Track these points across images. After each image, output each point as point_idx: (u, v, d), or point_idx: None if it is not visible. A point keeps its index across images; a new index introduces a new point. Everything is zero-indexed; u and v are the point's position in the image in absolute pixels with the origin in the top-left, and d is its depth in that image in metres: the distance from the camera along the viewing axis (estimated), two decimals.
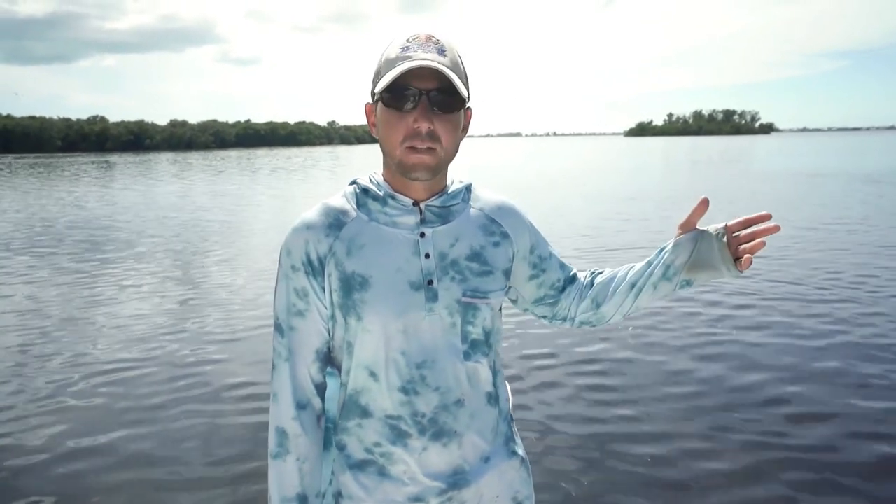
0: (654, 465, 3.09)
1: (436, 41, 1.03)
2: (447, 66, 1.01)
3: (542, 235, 1.26)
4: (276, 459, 1.12)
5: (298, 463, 1.12)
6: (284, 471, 1.11)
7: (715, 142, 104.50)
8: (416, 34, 1.04)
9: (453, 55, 1.04)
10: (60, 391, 4.14)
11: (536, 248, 1.22)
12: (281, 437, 1.12)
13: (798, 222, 10.74)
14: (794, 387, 3.97)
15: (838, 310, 5.56)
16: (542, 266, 1.23)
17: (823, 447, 3.24)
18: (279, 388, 1.12)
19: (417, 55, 1.00)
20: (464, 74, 1.06)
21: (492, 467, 1.17)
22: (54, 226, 12.24)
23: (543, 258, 1.23)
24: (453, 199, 1.14)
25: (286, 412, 1.11)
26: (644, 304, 1.19)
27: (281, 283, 1.12)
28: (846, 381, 4.06)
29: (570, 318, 1.26)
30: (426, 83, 1.00)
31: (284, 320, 1.12)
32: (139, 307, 6.20)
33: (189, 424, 3.64)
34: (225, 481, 3.03)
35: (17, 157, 65.54)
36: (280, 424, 1.12)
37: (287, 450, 1.12)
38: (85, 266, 8.26)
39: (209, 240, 10.39)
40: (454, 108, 1.03)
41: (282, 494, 1.12)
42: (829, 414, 3.61)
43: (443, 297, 1.08)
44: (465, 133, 1.11)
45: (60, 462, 3.23)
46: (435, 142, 1.02)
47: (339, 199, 1.14)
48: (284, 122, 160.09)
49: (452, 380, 1.11)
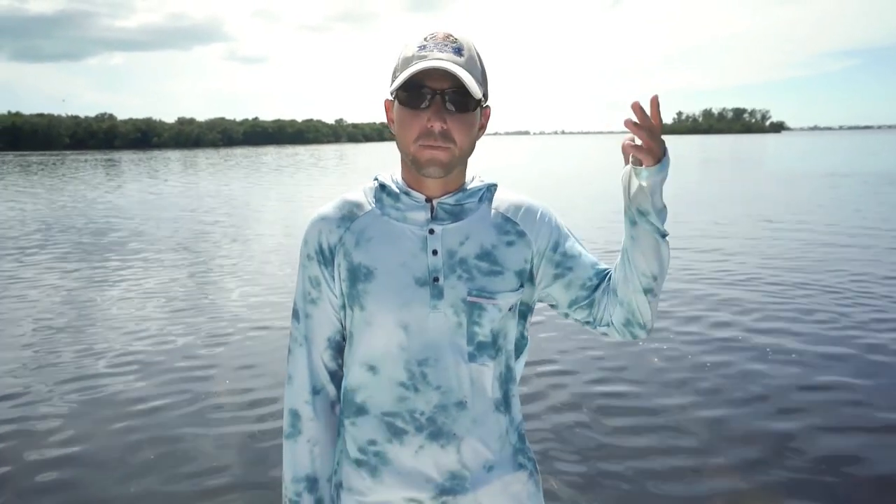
0: (670, 481, 2.96)
1: (453, 40, 1.03)
2: (462, 65, 1.01)
3: (571, 234, 1.19)
4: (288, 440, 1.16)
5: (310, 445, 1.15)
6: (296, 451, 1.15)
7: (725, 140, 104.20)
8: (434, 33, 1.04)
9: (471, 54, 1.05)
10: (69, 387, 4.15)
11: (560, 245, 1.16)
12: (294, 419, 1.15)
13: (821, 226, 10.28)
14: (825, 396, 3.79)
15: (857, 314, 5.23)
16: (568, 264, 1.16)
17: (853, 460, 3.10)
18: (294, 371, 1.16)
19: (433, 54, 1.01)
20: (481, 73, 1.07)
21: (495, 477, 1.13)
22: (63, 224, 12.11)
23: (569, 255, 1.16)
24: (470, 198, 1.13)
25: (300, 395, 1.15)
26: (639, 263, 1.07)
27: (300, 272, 1.17)
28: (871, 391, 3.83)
29: (612, 322, 1.16)
30: (441, 83, 1.01)
31: (301, 307, 1.16)
32: (153, 303, 6.24)
33: (199, 422, 3.63)
34: (229, 478, 3.02)
35: (19, 155, 65.74)
36: (293, 406, 1.16)
37: (299, 430, 1.15)
38: (97, 264, 8.22)
39: (220, 238, 10.32)
40: (468, 107, 1.04)
41: (293, 474, 1.15)
42: (858, 427, 3.44)
43: (448, 294, 1.07)
44: (482, 132, 1.12)
45: (65, 461, 3.22)
46: (448, 142, 1.03)
47: (357, 193, 1.17)
48: (292, 120, 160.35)
49: (455, 380, 1.09)
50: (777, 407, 3.67)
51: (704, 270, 7.12)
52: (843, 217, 11.27)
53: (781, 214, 11.72)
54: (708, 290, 6.27)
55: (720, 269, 7.22)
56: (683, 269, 7.04)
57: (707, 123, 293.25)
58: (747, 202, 13.94)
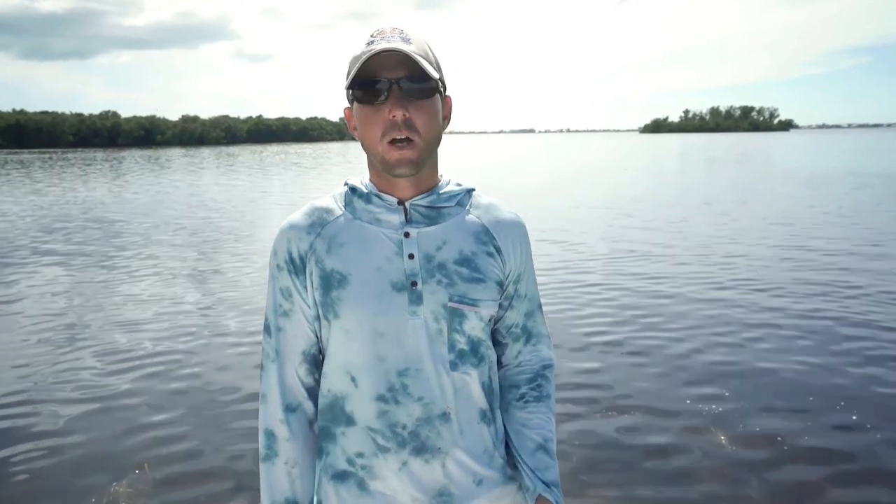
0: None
1: (400, 31, 1.01)
2: (413, 51, 0.98)
3: (534, 273, 1.18)
4: (265, 462, 1.11)
5: (287, 467, 1.09)
6: (273, 474, 1.09)
7: (733, 139, 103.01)
8: (381, 28, 1.03)
9: (420, 43, 1.02)
10: (81, 381, 4.18)
11: (520, 281, 1.14)
12: (269, 440, 1.10)
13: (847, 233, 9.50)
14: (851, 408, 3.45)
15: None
16: (514, 302, 1.15)
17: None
18: (267, 389, 1.11)
19: (381, 46, 0.98)
20: (434, 62, 1.04)
21: (485, 492, 1.10)
22: (74, 223, 11.88)
23: (519, 295, 1.15)
24: (446, 201, 1.09)
25: (274, 414, 1.10)
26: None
27: (269, 284, 1.12)
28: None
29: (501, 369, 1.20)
30: (395, 72, 0.99)
31: (272, 321, 1.11)
32: (172, 296, 6.34)
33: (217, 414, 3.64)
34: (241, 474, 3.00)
35: (11, 153, 66.29)
36: (268, 426, 1.10)
37: (275, 452, 1.09)
38: (113, 261, 8.26)
39: (229, 234, 10.29)
40: (427, 94, 1.01)
41: (271, 498, 1.10)
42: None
43: (428, 300, 1.04)
44: (447, 123, 1.10)
45: (69, 454, 3.24)
46: (412, 131, 1.00)
47: (327, 199, 1.13)
48: (296, 118, 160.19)
49: (437, 390, 1.05)
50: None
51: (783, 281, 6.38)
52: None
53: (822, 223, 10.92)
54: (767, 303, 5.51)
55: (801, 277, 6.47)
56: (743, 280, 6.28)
57: (714, 122, 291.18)
58: (769, 203, 13.14)
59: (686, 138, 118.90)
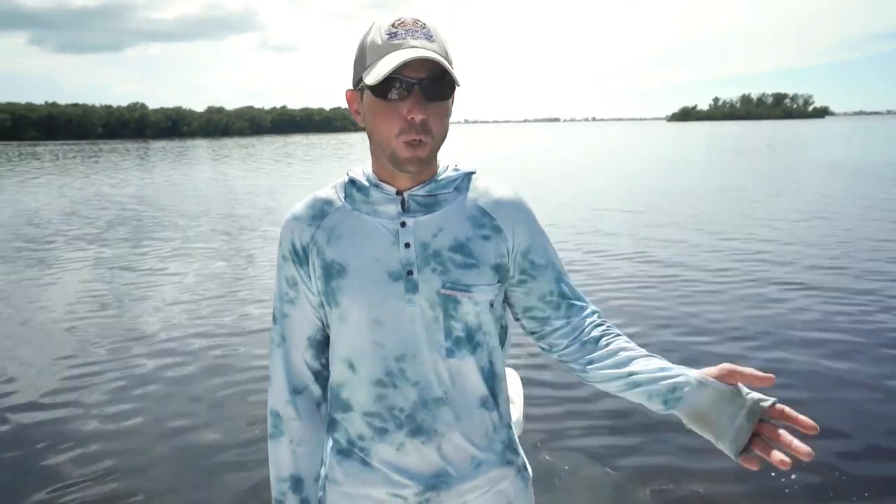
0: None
1: (422, 25, 1.01)
2: (437, 52, 0.99)
3: (544, 236, 1.15)
4: (271, 440, 1.16)
5: (292, 445, 1.14)
6: (278, 451, 1.14)
7: (766, 127, 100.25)
8: (402, 18, 1.01)
9: (440, 40, 1.02)
10: (111, 372, 4.25)
11: (531, 252, 1.12)
12: (275, 420, 1.15)
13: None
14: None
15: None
16: (533, 272, 1.12)
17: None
18: (273, 372, 1.15)
19: (407, 42, 0.98)
20: (450, 59, 1.04)
21: (481, 474, 1.11)
22: (101, 215, 12.02)
23: (536, 265, 1.13)
24: (443, 188, 1.09)
25: (280, 396, 1.14)
26: (631, 399, 1.07)
27: (277, 274, 1.15)
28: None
29: (556, 349, 1.14)
30: (418, 72, 0.98)
31: (278, 308, 1.15)
32: (196, 287, 6.49)
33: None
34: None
35: (28, 145, 67.76)
36: (274, 407, 1.15)
37: (281, 431, 1.14)
38: (133, 250, 8.51)
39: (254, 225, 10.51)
40: (445, 95, 1.02)
41: (277, 474, 1.15)
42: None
43: (423, 288, 1.05)
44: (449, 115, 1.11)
45: (111, 439, 3.34)
46: (427, 134, 1.01)
47: (328, 190, 1.14)
48: (320, 108, 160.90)
49: (433, 376, 1.07)
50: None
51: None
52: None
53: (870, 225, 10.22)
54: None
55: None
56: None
57: (745, 109, 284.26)
58: (806, 202, 12.41)
59: (715, 126, 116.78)
